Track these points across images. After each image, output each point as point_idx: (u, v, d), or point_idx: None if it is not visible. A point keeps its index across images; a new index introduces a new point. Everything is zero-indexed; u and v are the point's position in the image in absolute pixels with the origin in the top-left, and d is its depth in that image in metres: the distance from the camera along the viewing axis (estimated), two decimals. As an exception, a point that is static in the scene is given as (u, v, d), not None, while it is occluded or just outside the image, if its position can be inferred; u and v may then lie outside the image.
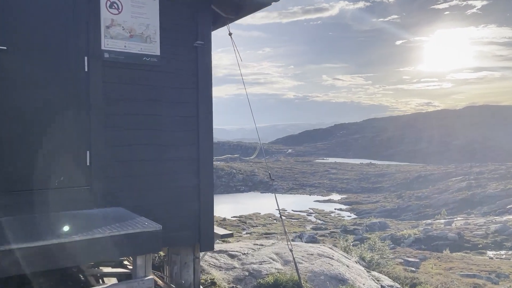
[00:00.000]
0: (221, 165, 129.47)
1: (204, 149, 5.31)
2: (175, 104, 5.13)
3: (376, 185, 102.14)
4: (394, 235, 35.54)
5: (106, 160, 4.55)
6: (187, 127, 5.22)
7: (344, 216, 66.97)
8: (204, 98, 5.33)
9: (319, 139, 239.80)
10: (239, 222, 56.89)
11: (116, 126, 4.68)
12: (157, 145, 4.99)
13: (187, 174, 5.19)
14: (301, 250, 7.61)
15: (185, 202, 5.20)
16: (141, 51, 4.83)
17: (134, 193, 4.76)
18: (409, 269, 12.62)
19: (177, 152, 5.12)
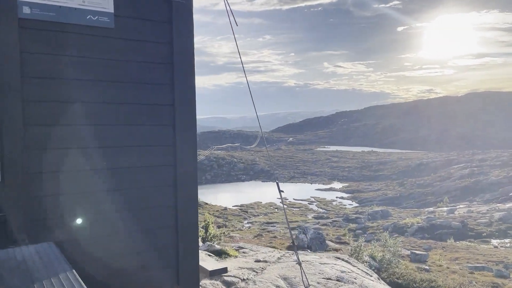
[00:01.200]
0: (222, 154, 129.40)
1: (183, 153, 3.66)
2: (138, 87, 3.46)
3: (378, 173, 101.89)
4: (397, 224, 35.25)
5: (25, 172, 3.00)
6: (157, 121, 3.56)
7: (346, 205, 66.84)
8: (182, 78, 3.64)
9: (320, 127, 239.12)
10: (241, 211, 56.76)
11: (41, 119, 3.08)
12: (109, 147, 3.35)
13: (158, 189, 3.58)
14: (314, 271, 5.86)
15: (156, 229, 3.58)
16: (83, 6, 3.20)
17: (71, 220, 3.17)
18: (421, 267, 12.23)
19: (143, 157, 3.49)
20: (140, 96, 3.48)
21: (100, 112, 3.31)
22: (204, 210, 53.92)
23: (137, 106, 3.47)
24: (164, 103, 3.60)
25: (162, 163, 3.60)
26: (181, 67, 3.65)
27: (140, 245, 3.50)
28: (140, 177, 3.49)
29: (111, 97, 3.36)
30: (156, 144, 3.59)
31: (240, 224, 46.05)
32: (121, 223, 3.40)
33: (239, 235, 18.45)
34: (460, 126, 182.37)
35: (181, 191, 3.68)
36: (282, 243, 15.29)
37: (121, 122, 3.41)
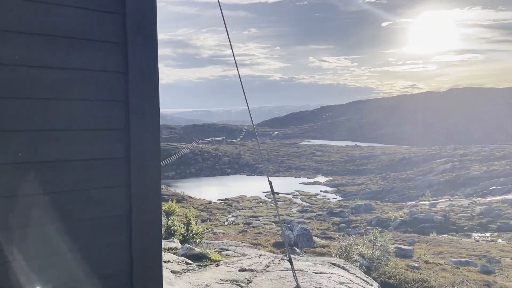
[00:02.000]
0: (206, 147, 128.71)
1: (140, 140, 2.58)
2: (73, 44, 2.39)
3: (361, 167, 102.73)
4: (380, 218, 35.51)
5: None
6: (101, 94, 2.49)
7: (330, 199, 67.18)
8: (139, 35, 2.56)
9: (305, 122, 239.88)
10: (225, 205, 56.49)
11: None
12: (26, 131, 2.28)
13: (101, 193, 2.48)
14: (310, 284, 4.86)
15: (99, 250, 2.48)
16: None
17: None
18: (411, 264, 12.21)
19: (77, 146, 2.42)
20: (76, 58, 2.38)
21: (15, 79, 2.23)
22: (188, 204, 53.51)
23: (70, 72, 2.37)
24: (112, 70, 2.50)
25: (108, 154, 2.50)
26: (137, 19, 2.55)
27: (75, 271, 2.38)
28: (84, 173, 2.42)
29: (33, 57, 2.27)
30: (99, 127, 2.47)
31: (225, 218, 45.82)
32: (46, 241, 2.29)
33: (223, 231, 18.16)
34: (442, 121, 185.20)
35: (137, 192, 2.56)
36: (267, 239, 15.04)
37: (47, 95, 2.30)
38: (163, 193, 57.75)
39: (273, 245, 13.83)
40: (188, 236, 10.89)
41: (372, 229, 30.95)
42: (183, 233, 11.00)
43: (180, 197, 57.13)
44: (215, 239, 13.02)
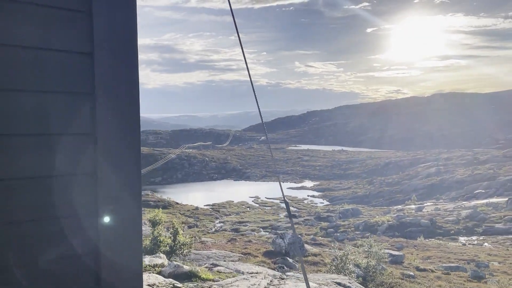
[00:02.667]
0: (193, 152, 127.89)
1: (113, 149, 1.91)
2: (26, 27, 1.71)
3: (348, 171, 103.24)
4: (367, 222, 35.56)
5: None
6: (60, 84, 1.78)
7: (317, 203, 67.24)
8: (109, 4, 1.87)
9: (292, 126, 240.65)
10: (212, 210, 56.02)
11: None
12: None
13: (64, 220, 1.84)
14: None
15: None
16: None
17: None
18: (406, 273, 12.09)
19: (24, 158, 1.74)
20: (22, 33, 1.69)
21: None
22: (175, 210, 52.88)
23: (16, 50, 1.69)
24: (73, 49, 1.80)
25: (75, 167, 1.84)
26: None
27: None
28: (20, 195, 1.73)
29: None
30: (59, 131, 1.80)
31: (212, 224, 45.36)
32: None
33: (211, 239, 17.78)
34: (426, 126, 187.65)
35: (107, 220, 1.89)
36: (257, 248, 14.65)
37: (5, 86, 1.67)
38: (149, 199, 57.04)
39: (264, 254, 13.42)
40: (175, 247, 10.54)
41: (360, 234, 30.97)
42: (170, 244, 10.65)
43: (166, 203, 56.46)
44: (203, 249, 12.66)
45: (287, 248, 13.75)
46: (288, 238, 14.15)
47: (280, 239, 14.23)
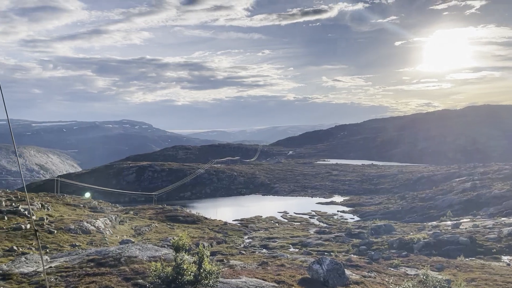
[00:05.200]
0: (221, 167, 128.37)
1: None
2: None
3: (379, 186, 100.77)
4: (402, 239, 34.16)
5: None
6: None
7: (348, 219, 65.64)
8: None
9: (320, 141, 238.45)
10: (241, 226, 55.55)
11: None
12: None
13: None
14: None
15: None
16: None
17: None
18: None
19: None
20: None
21: None
22: (203, 225, 52.72)
23: None
24: None
25: None
26: None
27: None
28: None
29: None
30: None
31: (240, 239, 44.84)
32: None
33: (241, 262, 17.15)
34: (459, 139, 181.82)
35: None
36: (292, 275, 13.60)
37: None
38: (178, 214, 57.23)
39: (300, 282, 12.31)
40: (201, 276, 9.80)
41: (396, 253, 29.69)
42: (195, 272, 9.93)
43: (195, 218, 56.42)
44: (232, 276, 12.01)
45: (325, 275, 12.32)
46: (326, 264, 12.78)
47: (317, 265, 12.74)
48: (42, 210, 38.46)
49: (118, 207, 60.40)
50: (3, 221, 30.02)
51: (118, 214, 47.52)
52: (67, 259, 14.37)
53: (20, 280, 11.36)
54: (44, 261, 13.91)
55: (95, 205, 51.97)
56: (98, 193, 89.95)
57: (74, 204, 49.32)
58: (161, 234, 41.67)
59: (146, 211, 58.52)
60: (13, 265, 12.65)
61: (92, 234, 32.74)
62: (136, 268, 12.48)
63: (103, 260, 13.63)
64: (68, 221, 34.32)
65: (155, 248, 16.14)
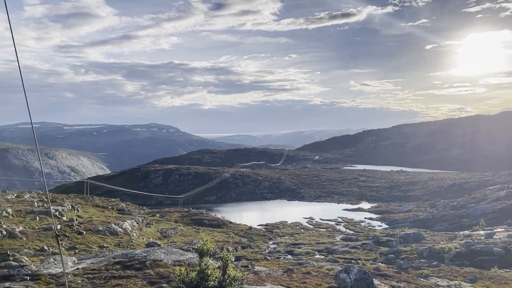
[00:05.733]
0: (247, 171, 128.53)
1: None
2: None
3: (408, 193, 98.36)
4: (432, 249, 33.09)
5: None
6: None
7: (375, 226, 64.26)
8: None
9: (347, 146, 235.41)
10: (266, 231, 55.26)
11: None
12: None
13: None
14: None
15: None
16: None
17: None
18: None
19: None
20: None
21: None
22: (228, 230, 52.75)
23: None
24: None
25: None
26: None
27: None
28: None
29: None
30: None
31: (265, 244, 44.57)
32: None
33: (266, 268, 16.86)
34: (493, 146, 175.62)
35: None
36: (318, 283, 13.22)
37: None
38: (203, 218, 57.51)
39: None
40: (225, 282, 9.65)
41: (426, 262, 28.76)
42: (219, 278, 9.78)
43: (220, 222, 56.56)
44: (257, 283, 11.79)
45: (353, 285, 11.77)
46: (354, 272, 12.24)
47: (344, 274, 12.23)
48: (72, 211, 39.40)
49: (145, 210, 61.29)
50: (35, 221, 30.88)
51: (145, 216, 48.19)
52: (94, 261, 14.53)
53: (48, 281, 11.53)
54: (72, 262, 14.11)
55: (123, 207, 52.88)
56: (126, 195, 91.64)
57: (102, 205, 50.36)
58: (187, 237, 41.92)
59: (172, 214, 59.11)
60: (42, 266, 12.88)
61: (119, 236, 33.24)
62: (161, 272, 12.48)
63: (129, 263, 13.71)
64: (96, 223, 35.00)
65: (180, 252, 16.14)
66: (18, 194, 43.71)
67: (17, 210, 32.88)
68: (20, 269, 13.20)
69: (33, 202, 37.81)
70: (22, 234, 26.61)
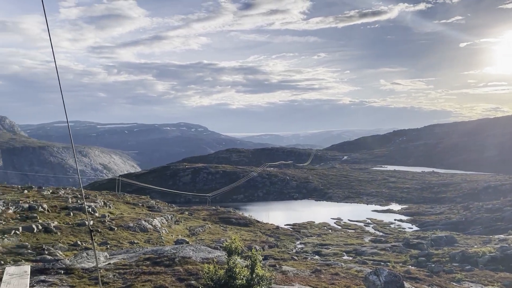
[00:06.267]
0: (274, 171, 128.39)
1: None
2: None
3: (440, 195, 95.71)
4: (465, 252, 32.07)
5: None
6: None
7: (405, 228, 62.89)
8: None
9: (377, 146, 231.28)
10: (293, 231, 55.06)
11: None
12: None
13: None
14: None
15: None
16: None
17: None
18: None
19: None
20: None
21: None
22: (256, 229, 52.88)
23: None
24: None
25: None
26: None
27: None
28: None
29: None
30: None
31: (292, 244, 44.41)
32: None
33: (293, 268, 16.75)
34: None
35: None
36: (347, 285, 13.00)
37: None
38: (231, 216, 57.89)
39: None
40: (253, 281, 9.69)
41: (458, 266, 27.92)
42: (247, 277, 9.83)
43: (247, 221, 56.78)
44: (284, 282, 11.75)
45: (383, 287, 11.65)
46: (384, 275, 11.95)
47: (374, 276, 11.96)
48: (104, 208, 40.48)
49: (174, 207, 62.27)
50: (69, 217, 31.91)
51: (174, 214, 48.95)
52: (125, 257, 14.88)
53: (81, 275, 11.89)
54: (104, 257, 14.50)
55: (153, 205, 53.90)
56: (156, 193, 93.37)
57: (133, 202, 51.51)
58: (214, 235, 42.31)
59: (200, 212, 59.80)
60: (75, 260, 13.30)
61: (149, 233, 33.90)
62: (189, 269, 12.64)
63: (159, 260, 13.96)
64: (127, 219, 35.83)
65: (208, 249, 16.31)
66: (53, 190, 45.30)
67: (52, 205, 34.08)
68: (54, 262, 13.68)
69: (67, 198, 39.10)
70: (57, 229, 27.55)
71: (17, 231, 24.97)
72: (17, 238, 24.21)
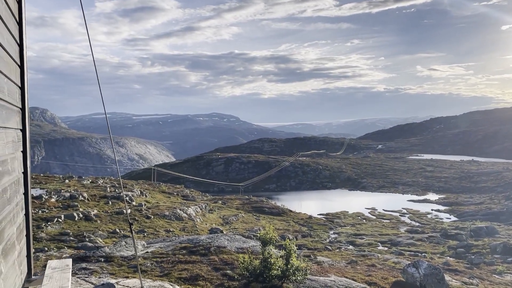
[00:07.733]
0: (307, 160, 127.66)
1: None
2: None
3: (480, 184, 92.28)
4: (507, 244, 30.82)
5: None
6: None
7: (443, 218, 61.13)
8: None
9: (413, 134, 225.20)
10: (326, 220, 54.70)
11: None
12: None
13: None
14: None
15: None
16: None
17: None
18: None
19: None
20: None
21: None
22: (288, 218, 52.90)
23: None
24: None
25: None
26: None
27: None
28: None
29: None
30: None
31: (326, 234, 44.16)
32: None
33: (328, 259, 16.59)
34: None
35: None
36: (384, 276, 12.72)
37: None
38: (264, 205, 58.14)
39: (393, 286, 11.34)
40: (288, 272, 9.68)
41: (500, 258, 26.90)
42: (282, 268, 9.82)
43: (280, 210, 56.85)
44: (320, 273, 11.65)
45: (422, 280, 11.16)
46: (423, 267, 11.63)
47: (413, 268, 11.67)
48: (141, 197, 41.59)
49: (207, 196, 63.19)
50: (108, 205, 33.00)
51: (207, 203, 49.70)
52: (162, 245, 15.23)
53: (120, 263, 12.26)
54: (141, 246, 14.89)
55: (187, 194, 54.90)
56: (190, 182, 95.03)
57: (168, 192, 52.64)
58: (248, 224, 42.65)
59: (234, 201, 60.38)
60: (115, 249, 13.73)
61: (184, 221, 34.58)
62: (225, 259, 12.78)
63: (194, 249, 14.19)
64: (163, 208, 36.67)
65: (243, 239, 16.43)
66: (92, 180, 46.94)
67: (92, 194, 35.32)
68: (95, 250, 14.17)
69: (106, 188, 40.42)
70: (97, 217, 28.57)
71: (60, 219, 26.08)
72: (60, 225, 25.29)
